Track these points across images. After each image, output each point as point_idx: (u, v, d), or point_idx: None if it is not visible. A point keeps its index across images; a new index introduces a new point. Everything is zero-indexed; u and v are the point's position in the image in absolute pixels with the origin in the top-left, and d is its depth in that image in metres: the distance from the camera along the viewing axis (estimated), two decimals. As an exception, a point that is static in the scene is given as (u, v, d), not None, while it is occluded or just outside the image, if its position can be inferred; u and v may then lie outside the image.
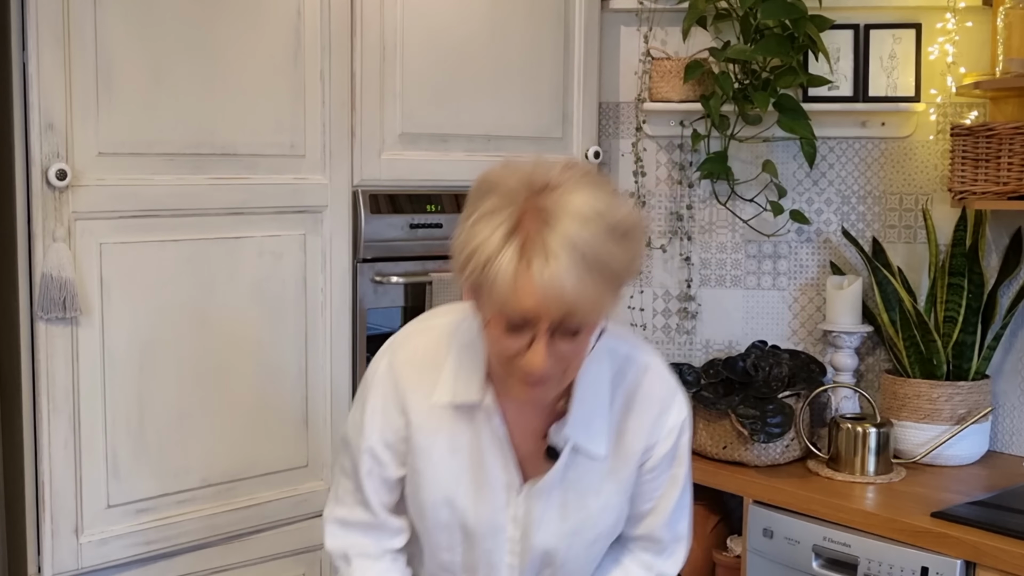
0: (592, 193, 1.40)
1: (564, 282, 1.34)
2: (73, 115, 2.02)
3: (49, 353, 2.03)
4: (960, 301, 2.65)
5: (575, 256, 1.34)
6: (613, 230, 1.38)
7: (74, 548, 2.09)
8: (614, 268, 1.39)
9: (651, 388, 1.63)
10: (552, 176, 1.40)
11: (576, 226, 1.35)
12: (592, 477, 1.62)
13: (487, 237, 1.37)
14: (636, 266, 1.45)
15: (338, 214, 2.43)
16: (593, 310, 1.39)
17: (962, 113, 2.78)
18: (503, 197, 1.39)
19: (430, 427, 1.60)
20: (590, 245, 1.35)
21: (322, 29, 2.36)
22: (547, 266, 1.34)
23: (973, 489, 2.45)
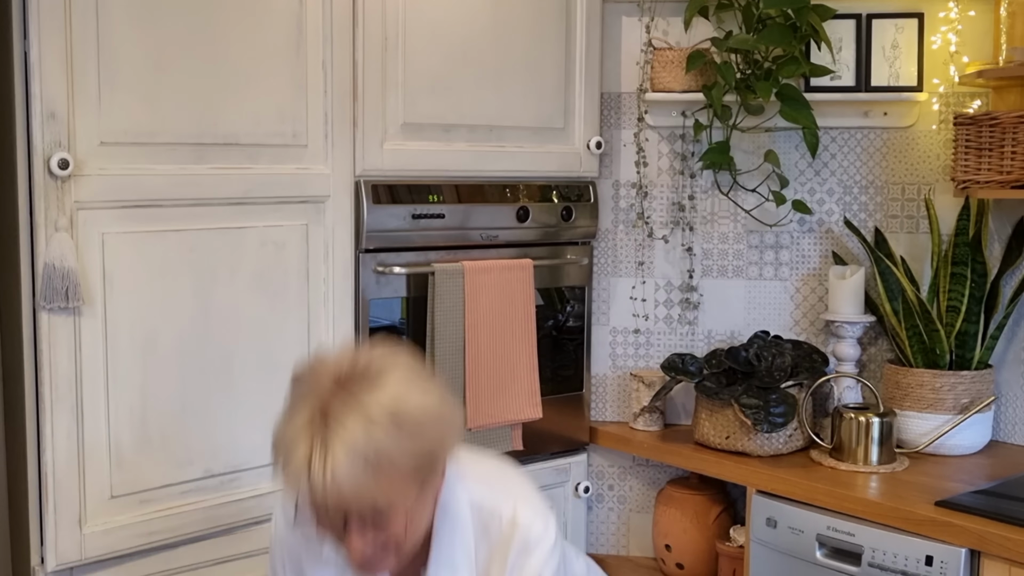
0: (392, 388, 1.44)
1: (342, 485, 1.38)
2: (75, 104, 2.02)
3: (52, 343, 2.02)
4: (963, 291, 2.65)
5: (354, 458, 1.38)
6: (402, 427, 1.42)
7: (77, 538, 2.08)
8: (402, 463, 1.42)
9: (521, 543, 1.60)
10: (357, 366, 1.46)
11: (360, 427, 1.39)
12: None
13: (284, 434, 1.45)
14: (437, 454, 1.48)
15: (340, 204, 2.42)
16: (384, 505, 1.42)
17: (965, 102, 2.77)
18: (307, 391, 1.46)
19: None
20: (371, 446, 1.39)
21: (324, 18, 2.35)
22: (325, 471, 1.38)
23: (976, 478, 2.45)
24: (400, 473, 1.42)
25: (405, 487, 1.44)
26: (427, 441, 1.46)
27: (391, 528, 1.47)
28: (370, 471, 1.39)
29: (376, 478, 1.40)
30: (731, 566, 2.70)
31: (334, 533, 1.48)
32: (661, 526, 2.87)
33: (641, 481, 3.04)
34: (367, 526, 1.45)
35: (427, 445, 1.46)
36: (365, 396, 1.43)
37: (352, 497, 1.40)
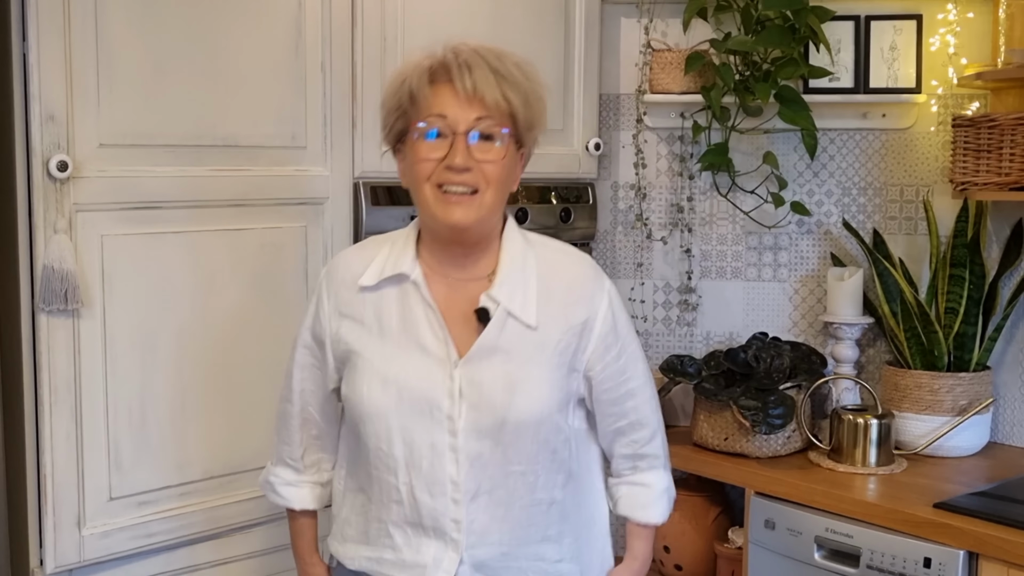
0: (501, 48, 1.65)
1: (479, 81, 1.57)
2: (74, 106, 2.01)
3: (51, 345, 2.02)
4: (961, 292, 2.65)
5: (485, 67, 1.59)
6: (520, 67, 1.63)
7: (76, 541, 2.08)
8: (523, 89, 1.61)
9: (569, 265, 1.75)
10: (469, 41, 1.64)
11: (487, 53, 1.61)
12: (528, 346, 1.66)
13: (406, 68, 1.63)
14: (540, 103, 1.66)
15: (339, 206, 2.42)
16: (503, 109, 1.59)
17: (963, 104, 2.77)
18: (420, 53, 1.64)
19: (361, 311, 1.69)
20: (498, 63, 1.60)
21: (323, 20, 2.35)
22: (465, 71, 1.58)
23: (975, 480, 2.45)
24: (515, 92, 1.60)
25: (514, 110, 1.61)
26: (536, 87, 1.65)
27: (494, 153, 1.60)
28: (499, 80, 1.59)
29: (500, 87, 1.59)
30: (729, 568, 2.71)
31: (438, 156, 1.60)
32: (659, 527, 2.86)
33: (640, 482, 3.04)
34: (474, 140, 1.59)
35: (536, 88, 1.65)
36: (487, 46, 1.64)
37: (482, 94, 1.58)
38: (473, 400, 1.63)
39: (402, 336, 1.66)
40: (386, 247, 1.73)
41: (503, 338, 1.65)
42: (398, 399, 1.64)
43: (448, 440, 1.63)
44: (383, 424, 1.64)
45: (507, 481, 1.65)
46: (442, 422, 1.62)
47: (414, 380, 1.64)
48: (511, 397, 1.63)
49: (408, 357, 1.65)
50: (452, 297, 1.68)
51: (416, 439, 1.63)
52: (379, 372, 1.65)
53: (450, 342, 1.64)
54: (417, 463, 1.64)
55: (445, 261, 1.70)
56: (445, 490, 1.64)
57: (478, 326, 1.65)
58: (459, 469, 1.63)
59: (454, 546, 1.65)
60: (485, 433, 1.63)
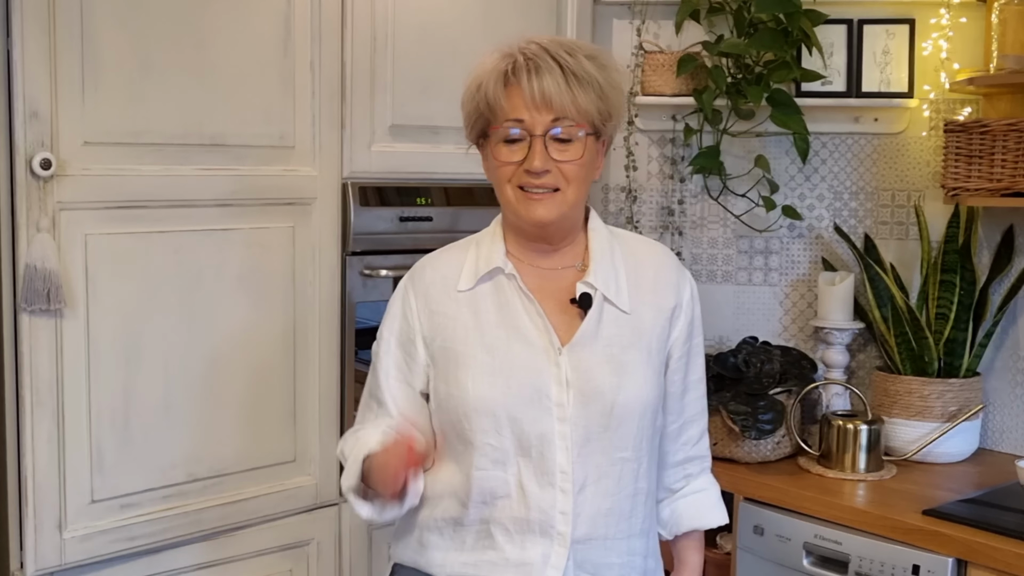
0: (575, 40, 1.69)
1: (548, 87, 1.59)
2: (58, 103, 1.99)
3: (33, 346, 2.00)
4: (952, 298, 2.64)
5: (557, 69, 1.60)
6: (593, 59, 1.63)
7: (57, 543, 2.06)
8: (596, 84, 1.62)
9: (653, 254, 1.79)
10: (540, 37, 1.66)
11: (559, 50, 1.61)
12: (626, 332, 1.69)
13: (482, 72, 1.65)
14: (616, 94, 1.66)
15: (327, 206, 2.40)
16: (575, 107, 1.60)
17: (955, 109, 2.77)
18: (495, 51, 1.66)
19: (456, 309, 1.70)
20: (571, 63, 1.60)
21: (312, 19, 2.33)
22: (533, 76, 1.60)
23: (964, 487, 2.45)
24: (590, 91, 1.61)
25: (594, 107, 1.62)
26: (611, 79, 1.65)
27: (572, 152, 1.62)
28: (573, 81, 1.60)
29: (574, 87, 1.60)
30: (718, 573, 2.69)
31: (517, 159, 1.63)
32: (648, 532, 2.86)
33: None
34: (555, 143, 1.62)
35: (611, 81, 1.64)
36: (559, 39, 1.66)
37: (557, 98, 1.59)
38: (581, 387, 1.64)
39: (502, 328, 1.68)
40: (472, 249, 1.75)
41: (603, 325, 1.68)
42: (506, 390, 1.64)
43: (558, 428, 1.63)
44: (491, 416, 1.64)
45: (613, 469, 1.67)
46: (551, 410, 1.63)
47: (520, 370, 1.65)
48: (619, 380, 1.65)
49: (510, 347, 1.66)
50: (545, 287, 1.71)
51: (526, 428, 1.64)
52: (483, 364, 1.66)
53: (551, 330, 1.66)
54: (526, 452, 1.64)
55: (534, 255, 1.73)
56: (554, 480, 1.63)
57: (576, 313, 1.68)
58: (568, 457, 1.63)
59: (561, 540, 1.64)
60: (594, 419, 1.64)
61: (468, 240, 1.78)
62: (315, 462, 2.40)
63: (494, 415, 1.64)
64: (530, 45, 1.63)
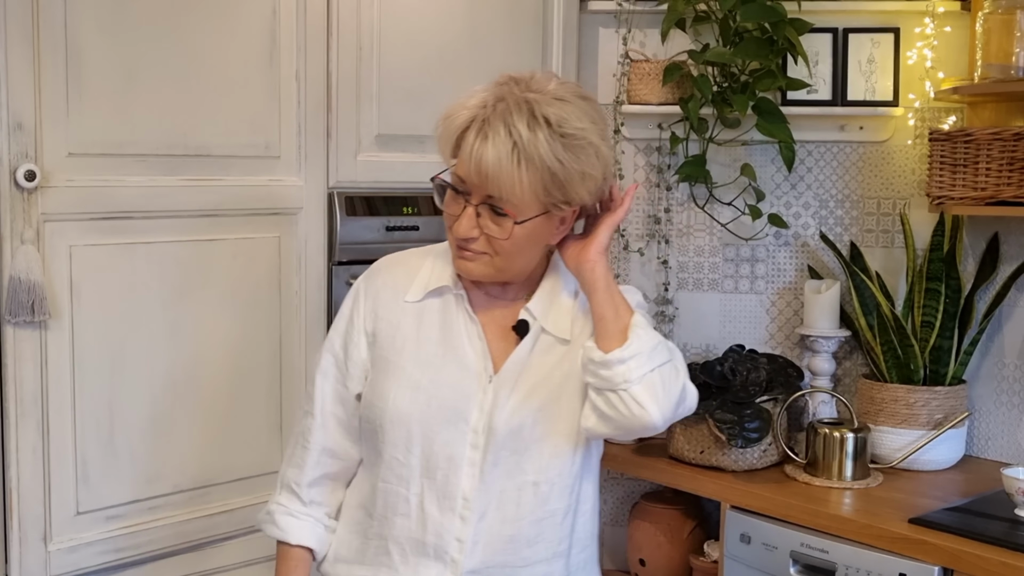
0: (561, 105, 1.57)
1: (487, 159, 1.53)
2: (42, 115, 1.98)
3: (17, 357, 1.99)
4: (937, 306, 2.65)
5: (508, 142, 1.52)
6: (559, 136, 1.54)
7: (42, 556, 2.05)
8: (547, 166, 1.54)
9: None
10: (539, 81, 1.60)
11: (521, 122, 1.53)
12: (562, 362, 1.67)
13: (461, 104, 1.59)
14: (580, 179, 1.57)
15: (313, 216, 2.40)
16: (512, 194, 1.54)
17: (940, 118, 2.78)
18: (490, 83, 1.61)
19: (400, 317, 1.69)
20: (525, 139, 1.52)
21: (298, 29, 2.33)
22: (481, 141, 1.53)
23: (950, 495, 2.45)
24: (538, 172, 1.54)
25: (532, 193, 1.56)
26: (573, 160, 1.56)
27: (505, 227, 1.58)
28: (520, 160, 1.53)
29: (519, 167, 1.53)
30: None
31: (454, 214, 1.61)
32: (635, 540, 2.86)
33: (615, 495, 3.03)
34: (489, 212, 1.57)
35: (571, 164, 1.56)
36: (538, 99, 1.56)
37: (493, 173, 1.53)
38: (498, 414, 1.63)
39: (440, 346, 1.67)
40: (429, 260, 1.74)
41: (535, 353, 1.67)
42: (425, 407, 1.63)
43: (468, 454, 1.63)
44: (403, 431, 1.64)
45: (519, 494, 1.65)
46: (465, 434, 1.63)
47: (446, 390, 1.64)
48: (536, 413, 1.64)
49: (443, 367, 1.66)
50: (492, 312, 1.70)
51: (436, 449, 1.63)
52: (411, 378, 1.65)
53: (488, 356, 1.66)
54: (432, 473, 1.63)
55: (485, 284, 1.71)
56: (455, 505, 1.63)
57: (515, 340, 1.67)
58: (472, 484, 1.63)
59: (454, 568, 1.63)
60: (505, 446, 1.63)
61: (428, 249, 1.77)
62: (301, 472, 2.40)
63: (408, 430, 1.63)
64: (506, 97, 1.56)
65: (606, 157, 1.61)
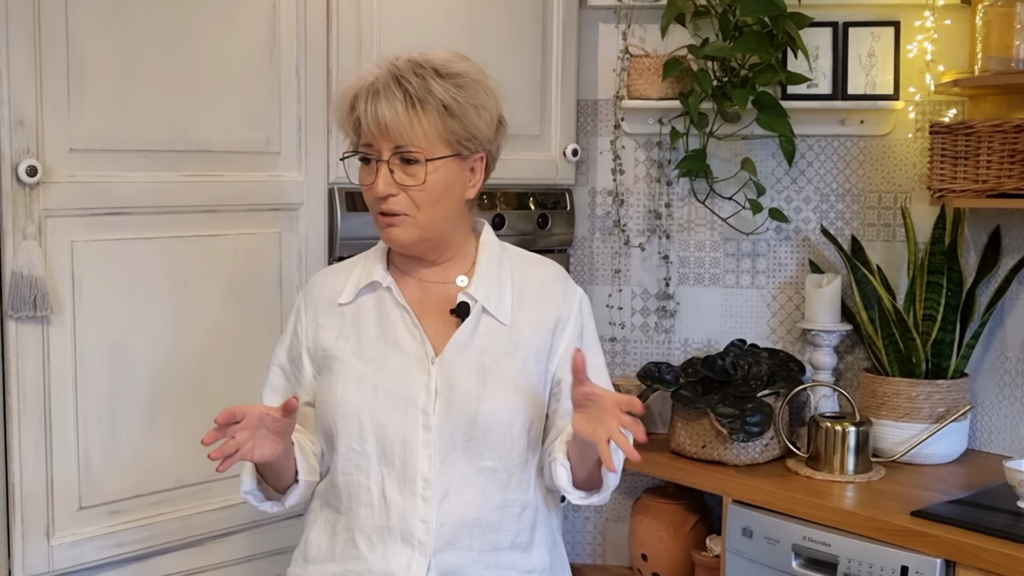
0: (443, 56, 1.67)
1: (384, 115, 1.60)
2: (44, 110, 1.98)
3: (19, 352, 1.99)
4: (939, 299, 2.65)
5: (399, 95, 1.60)
6: (447, 77, 1.63)
7: (45, 550, 2.05)
8: (441, 107, 1.61)
9: (540, 269, 1.80)
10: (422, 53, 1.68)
11: (409, 72, 1.62)
12: (503, 343, 1.70)
13: (338, 96, 1.69)
14: (473, 113, 1.64)
15: (314, 212, 2.40)
16: (415, 135, 1.61)
17: (941, 111, 2.78)
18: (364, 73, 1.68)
19: (340, 321, 1.74)
20: (416, 86, 1.61)
21: (298, 25, 2.33)
22: (371, 104, 1.61)
23: (952, 488, 2.45)
24: (434, 113, 1.61)
25: (435, 131, 1.62)
26: (464, 100, 1.64)
27: (418, 175, 1.63)
28: (414, 103, 1.60)
29: (415, 109, 1.60)
30: (707, 572, 2.69)
31: (369, 179, 1.66)
32: (637, 535, 2.86)
33: (617, 490, 3.01)
34: (400, 164, 1.63)
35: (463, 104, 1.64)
36: (422, 57, 1.65)
37: (391, 121, 1.60)
38: (447, 394, 1.66)
39: (380, 339, 1.71)
40: (360, 263, 1.80)
41: (478, 335, 1.70)
42: (372, 394, 1.67)
43: (422, 435, 1.65)
44: (355, 421, 1.67)
45: (478, 479, 1.67)
46: (416, 417, 1.65)
47: (391, 377, 1.68)
48: (485, 388, 1.67)
49: (386, 357, 1.70)
50: (427, 298, 1.74)
51: (389, 435, 1.66)
52: (355, 371, 1.69)
53: (426, 340, 1.69)
54: (389, 459, 1.66)
55: (416, 267, 1.76)
56: (416, 488, 1.65)
57: (455, 323, 1.71)
58: (431, 465, 1.65)
59: (422, 550, 1.65)
60: (459, 427, 1.66)
61: (360, 256, 1.83)
62: (304, 468, 2.40)
63: (359, 420, 1.67)
64: (380, 65, 1.66)
65: (495, 93, 1.69)
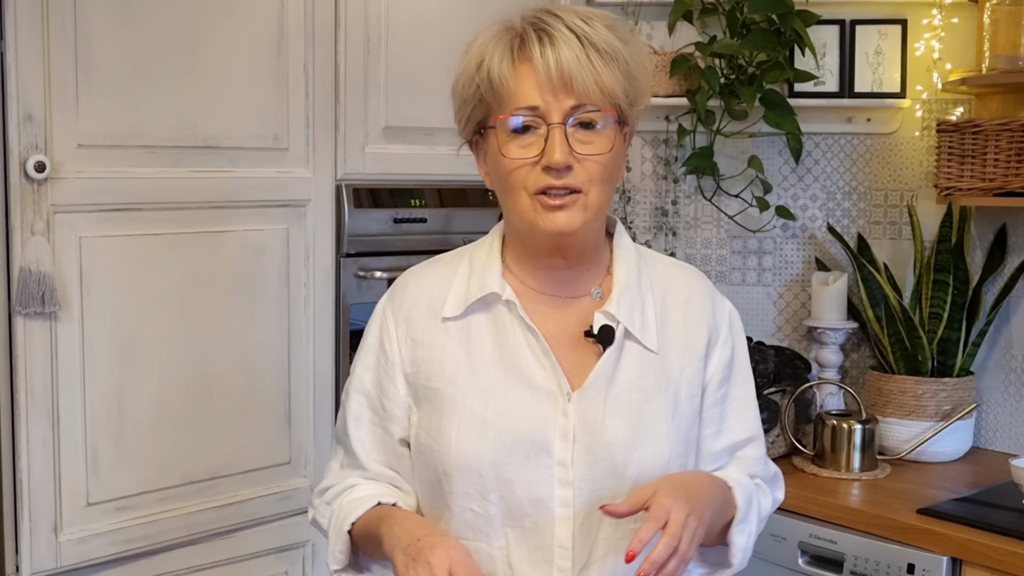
0: (588, 8, 1.39)
1: (565, 59, 1.30)
2: (52, 106, 1.98)
3: (27, 349, 1.99)
4: (945, 297, 2.65)
5: (575, 39, 1.31)
6: (613, 28, 1.35)
7: (53, 547, 2.05)
8: (619, 55, 1.33)
9: (683, 279, 1.49)
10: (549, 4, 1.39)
11: (575, 19, 1.33)
12: (650, 375, 1.39)
13: (483, 48, 1.37)
14: (642, 72, 1.38)
15: (321, 208, 2.40)
16: (602, 91, 1.32)
17: (948, 109, 2.77)
18: (496, 25, 1.38)
19: (443, 340, 1.41)
20: (589, 32, 1.32)
21: (306, 21, 2.33)
22: (546, 49, 1.31)
23: (958, 485, 2.45)
24: (614, 62, 1.33)
25: (620, 81, 1.34)
26: (634, 52, 1.37)
27: (598, 140, 1.33)
28: (594, 52, 1.31)
29: (596, 59, 1.32)
30: (713, 573, 2.69)
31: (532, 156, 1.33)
32: (643, 532, 2.86)
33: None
34: (578, 128, 1.33)
35: (634, 54, 1.36)
36: (570, 7, 1.37)
37: (576, 72, 1.30)
38: (588, 442, 1.35)
39: (499, 368, 1.38)
40: (464, 264, 1.46)
41: (622, 366, 1.39)
42: (497, 444, 1.35)
43: (558, 493, 1.35)
44: (475, 477, 1.36)
45: (624, 544, 1.31)
46: (551, 469, 1.35)
47: (517, 419, 1.35)
48: (635, 434, 1.36)
49: (508, 392, 1.37)
50: (554, 317, 1.41)
51: (518, 493, 1.35)
52: (472, 411, 1.36)
53: (560, 371, 1.37)
54: (518, 523, 1.36)
55: (542, 277, 1.43)
56: (551, 556, 1.35)
57: (591, 350, 1.39)
58: (569, 529, 1.35)
59: None
60: (603, 482, 1.35)
61: (460, 252, 1.49)
62: (310, 464, 2.40)
63: (480, 475, 1.35)
64: (539, 13, 1.34)
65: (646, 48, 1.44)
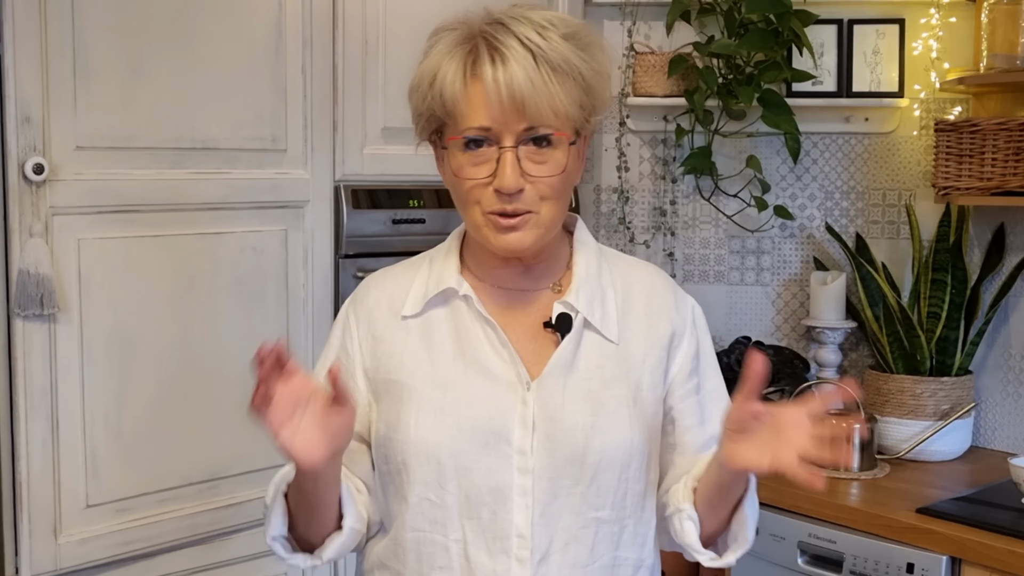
0: (548, 13, 1.35)
1: (517, 81, 1.27)
2: (50, 108, 1.98)
3: (26, 351, 1.99)
4: (943, 297, 2.65)
5: (528, 57, 1.28)
6: (571, 37, 1.31)
7: (52, 548, 2.05)
8: (574, 70, 1.30)
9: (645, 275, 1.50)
10: (509, 9, 1.35)
11: (529, 31, 1.29)
12: (611, 365, 1.39)
13: (436, 62, 1.33)
14: (601, 81, 1.35)
15: (320, 209, 2.40)
16: (554, 110, 1.29)
17: (946, 109, 2.78)
18: (454, 30, 1.35)
19: (404, 336, 1.42)
20: (544, 47, 1.28)
21: (304, 22, 2.33)
22: (498, 70, 1.28)
23: (957, 485, 2.45)
24: (569, 79, 1.30)
25: (575, 99, 1.31)
26: (593, 61, 1.33)
27: (551, 159, 1.32)
28: (547, 68, 1.28)
29: (548, 76, 1.28)
30: (713, 574, 2.69)
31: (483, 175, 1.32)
32: (642, 532, 2.86)
33: (622, 487, 3.03)
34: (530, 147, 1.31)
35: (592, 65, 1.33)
36: (528, 13, 1.33)
37: (528, 92, 1.27)
38: (548, 429, 1.35)
39: (459, 361, 1.39)
40: (424, 266, 1.47)
41: (581, 355, 1.39)
42: (456, 431, 1.34)
43: (517, 481, 1.34)
44: (433, 465, 1.35)
45: (585, 533, 1.35)
46: (510, 458, 1.34)
47: (476, 408, 1.35)
48: (595, 420, 1.36)
49: (468, 383, 1.37)
50: (512, 309, 1.42)
51: (476, 481, 1.34)
52: (431, 400, 1.36)
53: (519, 361, 1.37)
54: (475, 513, 1.34)
55: (501, 275, 1.44)
56: (509, 546, 1.34)
57: (550, 340, 1.39)
58: (528, 518, 1.34)
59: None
60: (563, 470, 1.35)
61: (422, 256, 1.51)
62: (309, 465, 2.40)
63: (438, 463, 1.35)
64: (493, 25, 1.31)
65: (608, 51, 1.38)
